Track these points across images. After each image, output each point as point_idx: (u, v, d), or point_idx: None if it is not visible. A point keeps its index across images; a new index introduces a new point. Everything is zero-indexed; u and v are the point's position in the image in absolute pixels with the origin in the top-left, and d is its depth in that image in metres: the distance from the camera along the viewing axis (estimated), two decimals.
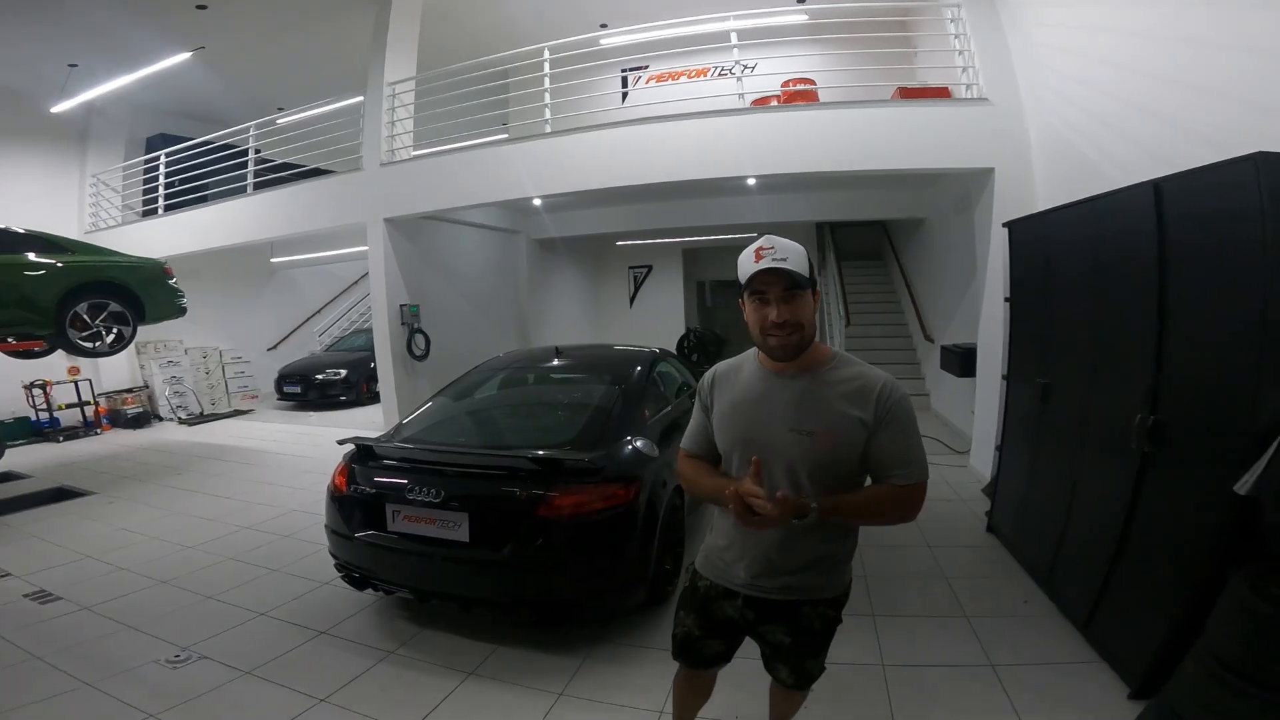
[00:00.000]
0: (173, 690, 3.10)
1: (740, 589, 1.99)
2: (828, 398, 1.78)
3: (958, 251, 7.50)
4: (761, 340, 1.80)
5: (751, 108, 6.67)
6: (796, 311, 1.73)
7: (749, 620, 2.03)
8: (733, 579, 2.00)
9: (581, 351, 5.18)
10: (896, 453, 1.77)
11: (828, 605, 1.98)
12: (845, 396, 1.78)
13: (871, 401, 1.76)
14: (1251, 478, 2.11)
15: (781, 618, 1.98)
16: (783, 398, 1.82)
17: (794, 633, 1.99)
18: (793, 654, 2.03)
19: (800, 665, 2.05)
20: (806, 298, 1.75)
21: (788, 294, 1.72)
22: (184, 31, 8.56)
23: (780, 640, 2.01)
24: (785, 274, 1.69)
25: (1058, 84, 5.26)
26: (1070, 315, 3.56)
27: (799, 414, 1.79)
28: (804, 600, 1.95)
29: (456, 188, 7.54)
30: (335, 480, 3.66)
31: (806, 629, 1.98)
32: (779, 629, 2.00)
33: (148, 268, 7.30)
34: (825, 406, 1.78)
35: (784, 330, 1.73)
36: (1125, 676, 2.81)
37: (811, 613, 1.96)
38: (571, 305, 14.24)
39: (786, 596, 1.94)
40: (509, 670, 3.23)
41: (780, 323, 1.72)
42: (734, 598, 2.01)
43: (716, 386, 1.99)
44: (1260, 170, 2.11)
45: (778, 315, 1.72)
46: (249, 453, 8.23)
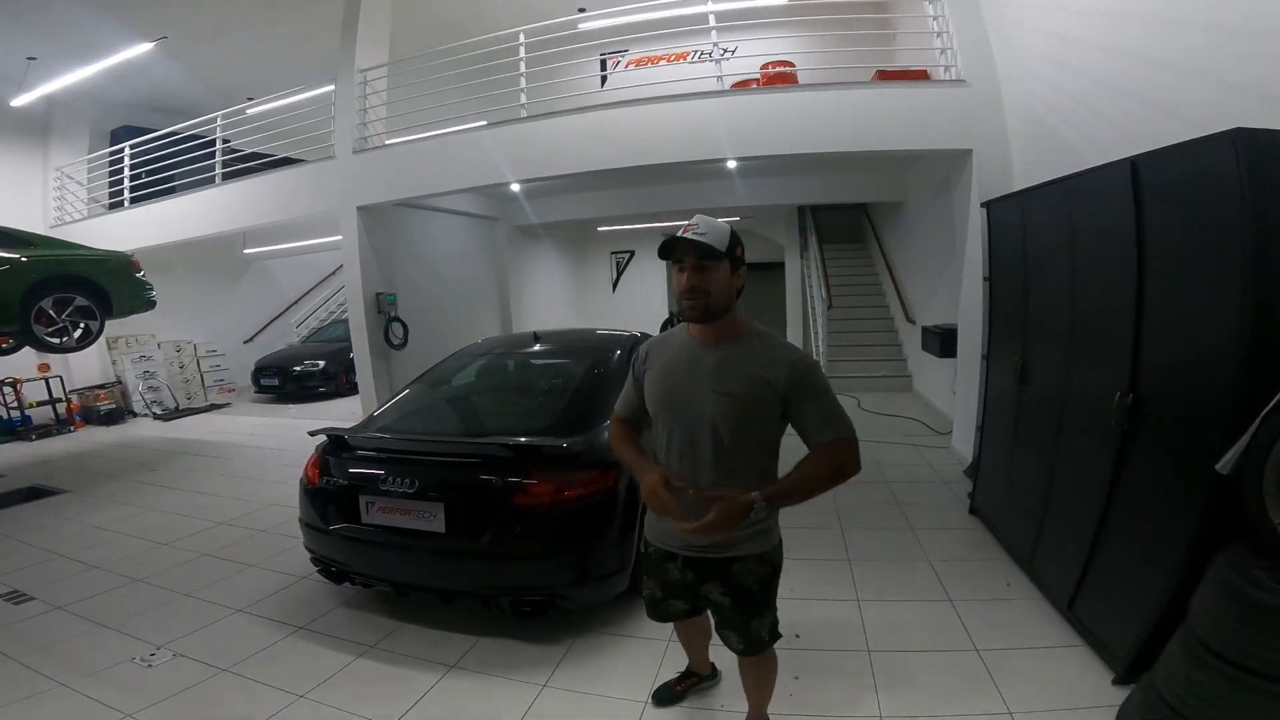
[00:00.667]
0: (149, 689, 3.04)
1: (678, 551, 2.19)
2: (745, 363, 2.01)
3: (937, 233, 7.50)
4: (680, 304, 2.03)
5: (731, 90, 6.61)
6: (705, 280, 1.96)
7: (690, 581, 2.21)
8: (669, 542, 2.19)
9: (560, 336, 5.12)
10: (817, 415, 1.98)
11: (757, 561, 2.12)
12: (760, 363, 2.00)
13: (784, 370, 1.97)
14: (1233, 456, 2.09)
15: (716, 576, 2.14)
16: (706, 363, 2.04)
17: (730, 591, 2.14)
18: (734, 616, 2.18)
19: (745, 628, 2.19)
20: (719, 269, 1.97)
21: (699, 263, 1.95)
22: (145, 22, 8.31)
23: (720, 601, 2.17)
24: (696, 244, 1.92)
25: (1035, 65, 5.24)
26: (1048, 294, 3.55)
27: (719, 377, 2.01)
28: (733, 557, 2.10)
29: (431, 174, 7.42)
30: (308, 472, 3.60)
31: (740, 587, 2.13)
32: (716, 588, 2.16)
33: (114, 261, 7.14)
34: (742, 370, 2.00)
35: (693, 295, 1.97)
36: (1109, 661, 2.81)
37: (742, 569, 2.12)
38: (554, 291, 14.18)
39: (717, 555, 2.11)
40: (491, 662, 3.19)
41: (689, 288, 1.96)
42: (674, 559, 2.21)
43: (649, 355, 2.21)
44: (1238, 146, 2.09)
45: (689, 280, 1.96)
46: (225, 447, 8.11)
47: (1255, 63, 2.97)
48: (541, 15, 7.54)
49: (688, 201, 10.40)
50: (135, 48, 8.56)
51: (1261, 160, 2.07)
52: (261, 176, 8.57)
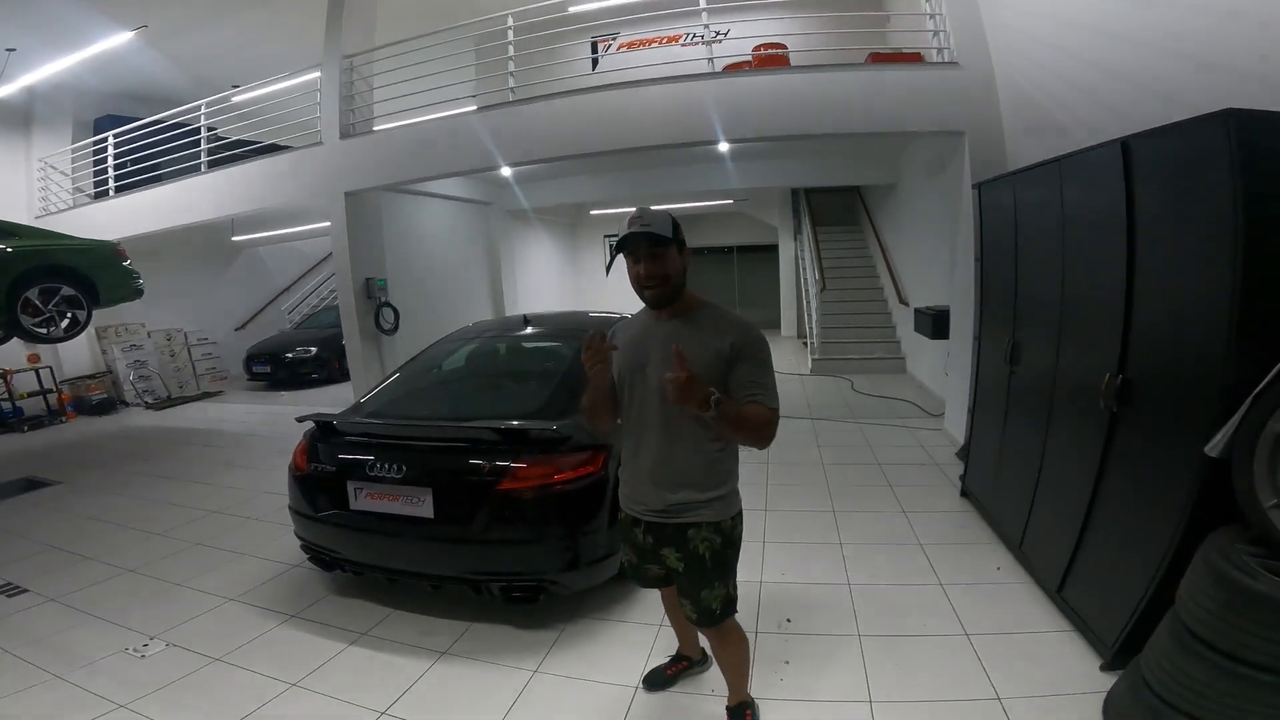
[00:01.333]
0: (142, 679, 3.04)
1: (640, 515, 2.31)
2: (695, 335, 2.14)
3: (930, 214, 7.49)
4: (640, 292, 2.19)
5: (724, 72, 6.54)
6: (661, 266, 2.12)
7: (650, 545, 2.31)
8: (634, 507, 2.34)
9: (551, 319, 5.09)
10: (755, 381, 2.10)
11: (710, 529, 2.22)
12: (709, 333, 2.14)
13: (728, 335, 2.11)
14: (1223, 439, 2.08)
15: (672, 541, 2.25)
16: (661, 335, 2.19)
17: (685, 557, 2.24)
18: (688, 582, 2.27)
19: (696, 597, 2.26)
20: (669, 254, 2.13)
21: (652, 251, 2.10)
22: (125, 10, 8.16)
23: (675, 566, 2.27)
24: (645, 235, 2.07)
25: (1027, 47, 5.20)
26: (1039, 274, 3.53)
27: (674, 341, 2.09)
28: (688, 523, 2.21)
29: (420, 158, 7.35)
30: (296, 459, 3.58)
31: (694, 553, 2.22)
32: (672, 553, 2.26)
33: (99, 250, 7.09)
34: (692, 340, 2.11)
35: (651, 281, 2.13)
36: (1097, 647, 2.81)
37: (696, 536, 2.21)
38: (547, 275, 14.13)
39: (673, 519, 2.22)
40: (483, 648, 3.19)
41: (647, 275, 2.12)
42: (639, 525, 2.34)
43: (618, 333, 2.36)
44: (1230, 127, 2.06)
45: (645, 270, 2.11)
46: (217, 435, 8.09)
47: (1246, 44, 2.95)
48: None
49: (681, 184, 10.37)
50: (115, 37, 8.43)
51: (1252, 141, 2.05)
52: (248, 164, 8.49)
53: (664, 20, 9.35)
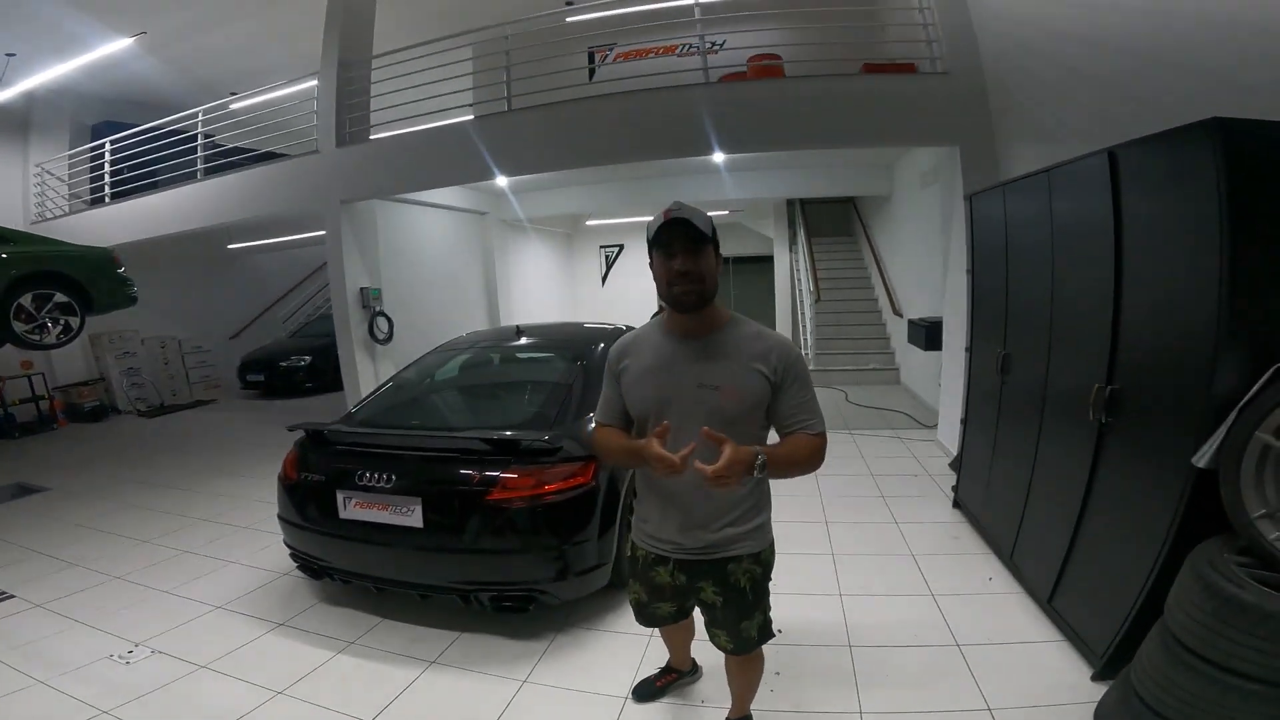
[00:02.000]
0: (126, 686, 3.03)
1: (669, 554, 2.12)
2: (731, 354, 1.93)
3: (924, 226, 7.51)
4: (667, 291, 1.92)
5: (719, 83, 6.57)
6: (699, 263, 1.87)
7: (681, 584, 2.14)
8: (661, 545, 2.13)
9: (544, 330, 5.09)
10: (802, 405, 1.93)
11: (751, 560, 2.08)
12: (747, 353, 1.92)
13: (771, 357, 1.91)
14: (1210, 450, 2.09)
15: (709, 575, 2.09)
16: (688, 357, 1.95)
17: (723, 591, 2.09)
18: (726, 615, 2.13)
19: (736, 628, 2.14)
20: (708, 253, 1.89)
21: (692, 246, 1.86)
22: (125, 17, 8.21)
23: (713, 600, 2.12)
24: (689, 225, 1.84)
25: (1018, 56, 5.23)
26: (1029, 285, 3.54)
27: (705, 370, 1.93)
28: (728, 557, 2.06)
29: (417, 169, 7.36)
30: (285, 468, 3.57)
31: (734, 586, 2.08)
32: (709, 587, 2.11)
33: (94, 257, 7.05)
34: (729, 362, 1.92)
35: (687, 279, 1.87)
36: (1088, 657, 2.80)
37: (736, 569, 2.07)
38: (542, 286, 14.10)
39: (710, 555, 2.06)
40: (472, 658, 3.18)
41: (684, 271, 1.86)
42: (665, 563, 2.14)
43: (626, 356, 2.08)
44: (1215, 136, 2.07)
45: (681, 264, 1.86)
46: (210, 443, 8.06)
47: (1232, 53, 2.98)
48: (529, 8, 7.49)
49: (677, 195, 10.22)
50: (115, 43, 8.46)
51: (1238, 150, 2.06)
52: (244, 171, 8.49)
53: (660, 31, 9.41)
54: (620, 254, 15.82)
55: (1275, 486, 1.97)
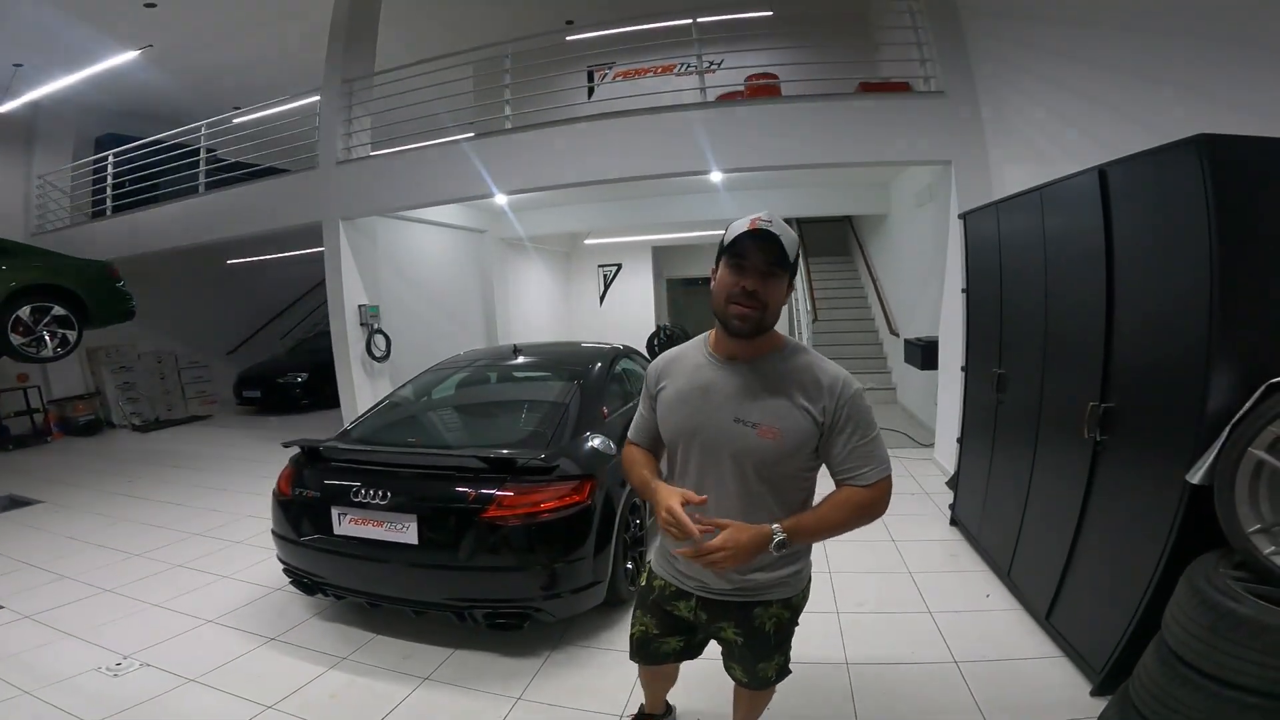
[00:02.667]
0: (113, 698, 3.00)
1: (694, 590, 1.95)
2: (776, 388, 1.72)
3: (920, 245, 7.55)
4: (724, 309, 1.69)
5: (716, 102, 6.64)
6: (769, 288, 1.66)
7: (702, 620, 1.99)
8: (685, 581, 1.96)
9: (541, 349, 5.10)
10: (859, 451, 1.71)
11: (780, 605, 1.93)
12: (796, 387, 1.71)
13: (824, 395, 1.70)
14: (1203, 466, 2.10)
15: (732, 616, 1.94)
16: (728, 386, 1.75)
17: (746, 633, 1.94)
18: (745, 655, 2.00)
19: (753, 667, 2.02)
20: (782, 281, 1.69)
21: (768, 267, 1.64)
22: (132, 30, 8.31)
23: (733, 639, 1.97)
24: (776, 244, 1.62)
25: (1011, 75, 5.30)
26: (1023, 304, 3.56)
27: (744, 404, 1.72)
28: (756, 601, 1.90)
29: (416, 186, 7.40)
30: (279, 484, 3.55)
31: (758, 630, 1.93)
32: (730, 627, 1.95)
33: (92, 270, 7.08)
34: (772, 397, 1.71)
35: (751, 302, 1.65)
36: (1086, 672, 2.80)
37: (763, 613, 1.91)
38: (540, 304, 14.12)
39: (737, 598, 1.90)
40: (466, 675, 3.15)
41: (751, 291, 1.64)
42: (688, 598, 1.98)
43: (663, 375, 1.91)
44: (1203, 153, 2.10)
45: (751, 284, 1.64)
46: (204, 458, 8.02)
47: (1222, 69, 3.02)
48: (529, 28, 7.57)
49: (675, 214, 10.42)
50: (120, 56, 8.53)
51: (1226, 166, 2.08)
52: (245, 186, 8.53)
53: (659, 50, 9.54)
54: (618, 273, 15.85)
55: (1270, 501, 1.97)
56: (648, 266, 15.73)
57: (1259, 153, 2.16)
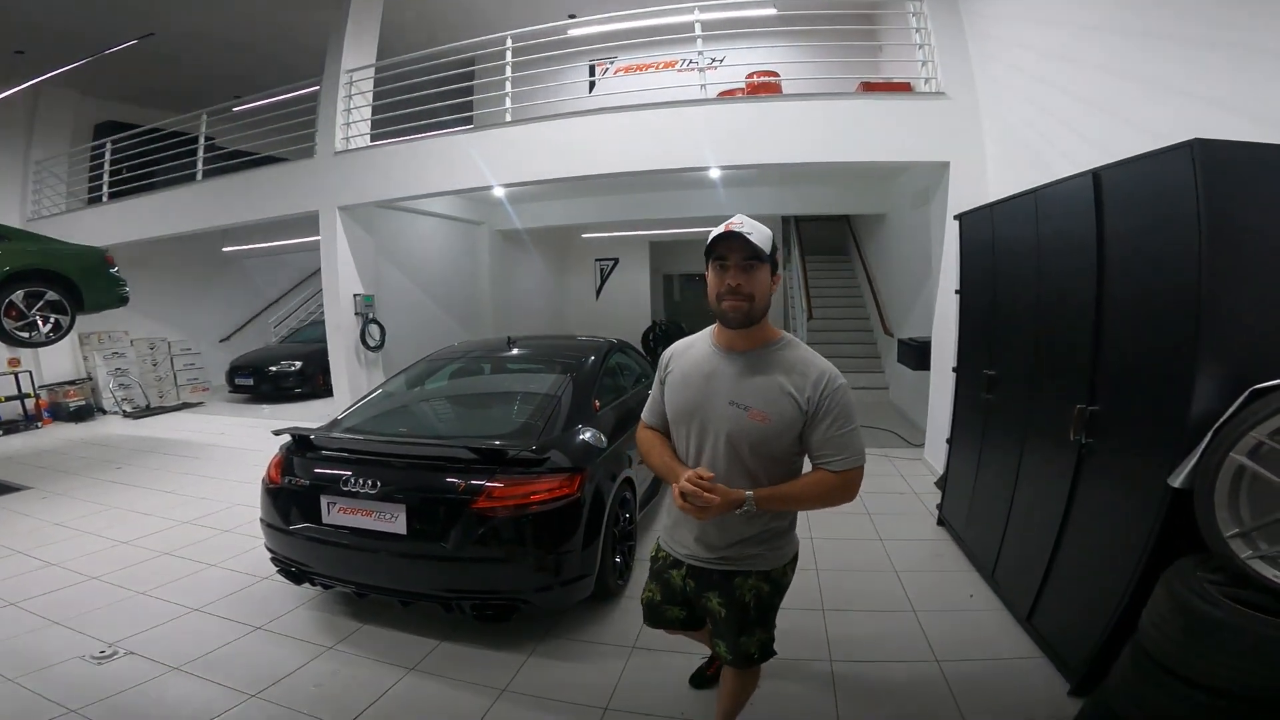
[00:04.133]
0: (96, 685, 2.99)
1: (684, 559, 2.16)
2: (768, 376, 1.91)
3: (916, 246, 7.55)
4: (717, 305, 1.92)
5: (717, 98, 6.63)
6: (751, 281, 1.85)
7: (690, 589, 2.17)
8: (677, 550, 2.18)
9: (535, 341, 5.10)
10: (834, 440, 1.88)
11: (759, 578, 2.07)
12: (786, 377, 1.90)
13: (809, 385, 1.88)
14: (1185, 470, 2.11)
15: (716, 586, 2.10)
16: (727, 372, 1.95)
17: (728, 603, 2.09)
18: (728, 627, 2.12)
19: (735, 640, 2.12)
20: (764, 272, 1.87)
21: (746, 263, 1.85)
22: (134, 18, 8.29)
23: (717, 609, 2.12)
24: (746, 242, 1.82)
25: (1011, 78, 5.30)
26: (1015, 306, 3.57)
27: (739, 388, 1.92)
28: (736, 571, 2.07)
29: (414, 176, 7.39)
30: (269, 472, 3.55)
31: (738, 600, 2.07)
32: (714, 597, 2.11)
33: (87, 255, 7.05)
34: (764, 383, 1.90)
35: (737, 296, 1.85)
36: (1065, 672, 2.81)
37: (742, 584, 2.06)
38: (537, 297, 14.13)
39: (720, 566, 2.08)
40: (452, 666, 3.16)
41: (735, 286, 1.85)
42: (680, 567, 2.18)
43: (672, 360, 2.12)
44: (1196, 157, 2.10)
45: (734, 279, 1.85)
46: (195, 446, 7.99)
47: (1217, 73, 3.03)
48: (532, 20, 7.56)
49: (673, 209, 10.43)
50: (122, 43, 8.50)
51: (1218, 171, 2.08)
52: (242, 174, 8.51)
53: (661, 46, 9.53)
54: (615, 268, 15.86)
55: (1249, 506, 1.97)
56: (645, 261, 15.74)
57: (1251, 158, 2.16)
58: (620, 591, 3.78)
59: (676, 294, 18.52)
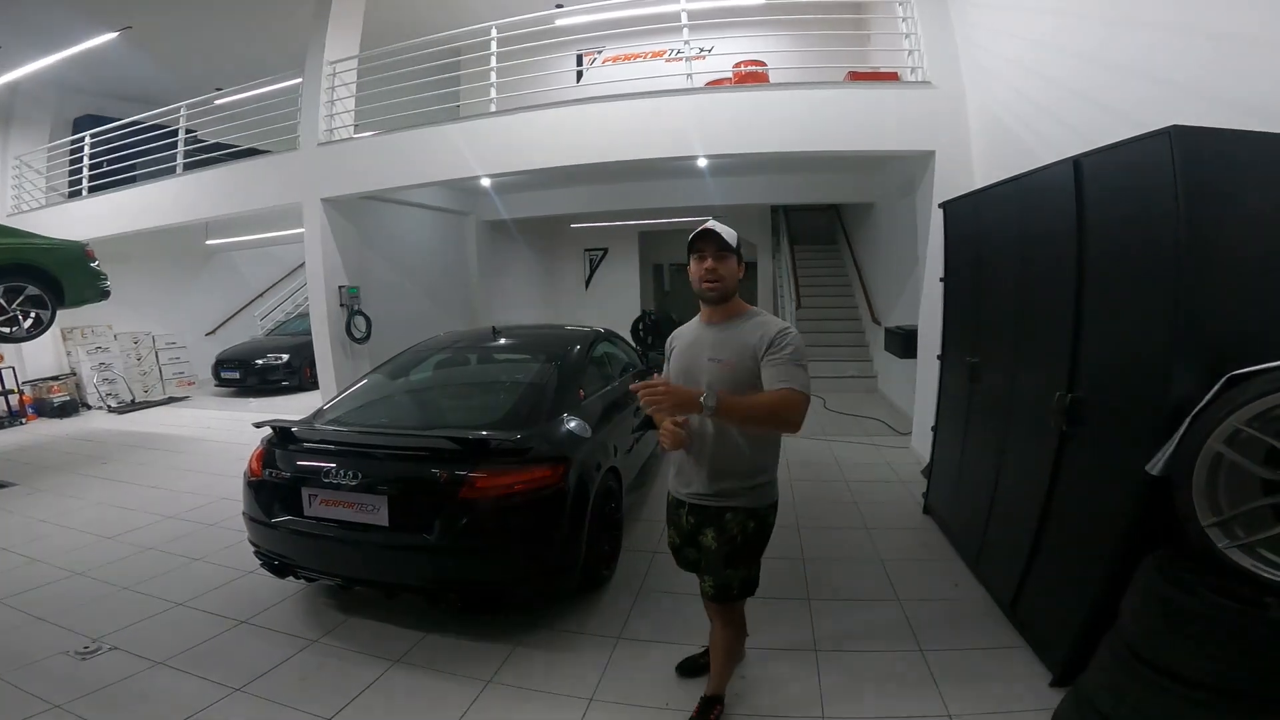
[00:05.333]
0: (80, 681, 2.98)
1: (685, 498, 2.55)
2: (735, 336, 2.40)
3: (903, 234, 7.56)
4: (698, 287, 2.45)
5: (704, 88, 6.60)
6: (722, 266, 2.40)
7: (691, 525, 2.55)
8: (680, 491, 2.58)
9: (520, 331, 5.08)
10: (779, 371, 2.25)
11: (746, 514, 2.44)
12: (749, 334, 2.37)
13: (763, 337, 2.33)
14: (1163, 457, 2.10)
15: (712, 522, 2.48)
16: (708, 338, 2.47)
17: (719, 538, 2.45)
18: (715, 559, 2.47)
19: (721, 572, 2.47)
20: (730, 260, 2.42)
21: (718, 253, 2.40)
22: (111, 10, 8.17)
23: (708, 544, 2.49)
24: (718, 237, 2.38)
25: (997, 66, 5.30)
26: (997, 293, 3.57)
27: (716, 348, 2.42)
28: (726, 507, 2.44)
29: (398, 167, 7.33)
30: (250, 465, 3.52)
31: (727, 533, 2.44)
32: (709, 532, 2.48)
33: (67, 250, 6.97)
34: (735, 342, 2.38)
35: (712, 277, 2.39)
36: (1047, 663, 2.82)
37: (733, 519, 2.44)
38: (525, 288, 14.07)
39: (716, 503, 2.46)
40: (437, 657, 3.16)
41: (710, 269, 2.39)
42: (683, 507, 2.58)
43: (675, 338, 2.66)
44: (1174, 144, 2.09)
45: (710, 265, 2.39)
46: (180, 440, 7.94)
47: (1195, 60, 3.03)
48: (519, 10, 7.49)
49: (662, 199, 10.41)
50: (100, 37, 8.41)
51: (1196, 158, 2.08)
52: (224, 167, 8.42)
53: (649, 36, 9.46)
54: (605, 258, 15.80)
55: (1227, 495, 1.97)
56: (634, 251, 15.69)
57: (1229, 145, 2.16)
58: (606, 581, 3.78)
59: (666, 284, 18.47)
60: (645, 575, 3.94)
